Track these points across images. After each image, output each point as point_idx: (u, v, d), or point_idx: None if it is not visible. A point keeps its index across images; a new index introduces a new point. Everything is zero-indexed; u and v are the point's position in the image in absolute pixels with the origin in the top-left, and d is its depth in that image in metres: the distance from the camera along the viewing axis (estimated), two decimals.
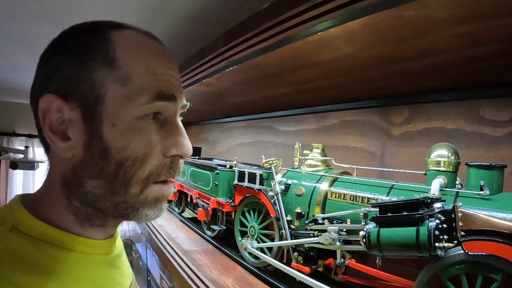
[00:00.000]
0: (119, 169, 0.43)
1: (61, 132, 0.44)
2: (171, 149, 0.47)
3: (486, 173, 0.69)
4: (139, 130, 0.44)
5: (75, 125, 0.43)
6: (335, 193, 0.90)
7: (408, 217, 0.62)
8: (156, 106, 0.45)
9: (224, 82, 1.35)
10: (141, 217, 0.47)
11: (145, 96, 0.44)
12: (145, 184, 0.46)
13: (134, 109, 0.43)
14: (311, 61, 0.97)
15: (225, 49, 0.92)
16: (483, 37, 0.69)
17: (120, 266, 0.56)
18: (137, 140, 0.44)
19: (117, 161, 0.43)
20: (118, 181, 0.44)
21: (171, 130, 0.48)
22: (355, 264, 0.83)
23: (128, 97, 0.43)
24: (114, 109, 0.43)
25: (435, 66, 0.90)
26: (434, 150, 0.78)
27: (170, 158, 0.47)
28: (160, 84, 0.45)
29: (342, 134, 1.53)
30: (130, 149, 0.43)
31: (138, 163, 0.44)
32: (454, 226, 0.61)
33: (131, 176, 0.44)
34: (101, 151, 0.43)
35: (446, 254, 0.60)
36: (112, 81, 0.43)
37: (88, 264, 0.48)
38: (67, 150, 0.44)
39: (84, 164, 0.44)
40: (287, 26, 0.71)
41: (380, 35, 0.75)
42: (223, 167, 1.37)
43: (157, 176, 0.46)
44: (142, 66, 0.45)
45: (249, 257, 1.12)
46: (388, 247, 0.65)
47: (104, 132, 0.43)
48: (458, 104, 1.12)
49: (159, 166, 0.46)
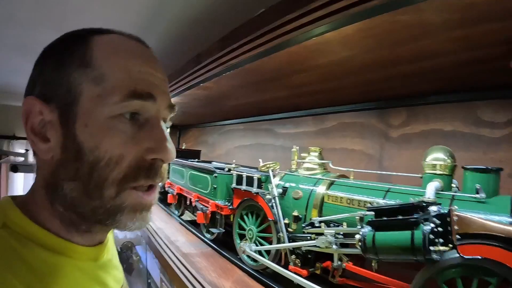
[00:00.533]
0: (92, 170, 0.42)
1: (42, 134, 0.44)
2: (150, 152, 0.45)
3: (482, 176, 0.69)
4: (112, 129, 0.43)
5: (53, 127, 0.44)
6: (332, 196, 0.90)
7: (403, 221, 0.62)
8: (131, 105, 0.44)
9: (222, 86, 1.35)
10: (119, 225, 0.45)
11: (118, 94, 0.43)
12: (121, 187, 0.44)
13: (107, 108, 0.43)
14: (307, 65, 0.97)
15: (221, 54, 0.93)
16: (478, 41, 0.70)
17: (110, 271, 0.56)
18: (109, 140, 0.43)
19: (90, 161, 0.42)
20: (92, 183, 0.43)
21: (152, 132, 0.46)
22: (352, 266, 0.83)
23: (101, 96, 0.43)
24: (88, 109, 0.43)
25: (431, 69, 0.91)
26: (430, 153, 0.78)
27: (149, 161, 0.46)
28: (134, 82, 0.44)
29: (340, 137, 1.54)
30: (102, 149, 0.42)
31: (112, 165, 0.43)
32: (449, 230, 0.61)
33: (105, 178, 0.43)
34: (76, 152, 0.43)
35: (441, 257, 0.60)
36: (87, 81, 0.43)
37: (77, 269, 0.47)
38: (46, 152, 0.44)
39: (61, 166, 0.44)
40: (282, 32, 0.71)
41: (376, 40, 0.75)
42: (221, 170, 1.37)
43: (134, 179, 0.45)
44: (117, 66, 0.44)
45: (248, 260, 1.12)
46: (384, 250, 0.65)
47: (77, 132, 0.43)
48: (455, 106, 1.12)
49: (136, 168, 0.44)
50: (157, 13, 1.19)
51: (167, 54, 1.50)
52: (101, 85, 0.43)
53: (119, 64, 0.44)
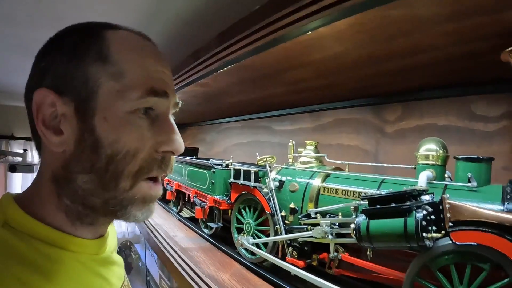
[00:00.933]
0: (110, 163, 0.43)
1: (54, 126, 0.44)
2: (162, 145, 0.47)
3: (473, 165, 0.71)
4: (131, 124, 0.44)
5: (68, 120, 0.44)
6: (328, 188, 0.92)
7: (396, 208, 0.64)
8: (148, 102, 0.46)
9: (219, 83, 1.36)
10: (129, 216, 0.47)
11: (138, 91, 0.44)
12: (136, 179, 0.46)
13: (126, 104, 0.44)
14: (303, 61, 0.99)
15: (218, 50, 0.94)
16: (469, 35, 0.71)
17: (111, 266, 0.56)
18: (128, 134, 0.44)
19: (108, 154, 0.43)
20: (108, 175, 0.44)
21: (163, 127, 0.48)
22: (348, 257, 0.84)
23: (121, 92, 0.44)
24: (107, 104, 0.44)
25: (424, 64, 0.92)
26: (422, 145, 0.80)
27: (161, 154, 0.48)
28: (152, 80, 0.46)
29: (337, 133, 1.55)
30: (121, 143, 0.43)
31: (129, 158, 0.44)
32: (442, 217, 0.63)
33: (121, 170, 0.44)
34: (93, 145, 0.43)
35: (434, 244, 0.62)
36: (105, 76, 0.44)
37: (79, 263, 0.48)
38: (59, 145, 0.44)
39: (75, 158, 0.44)
40: (277, 27, 0.73)
41: (368, 35, 0.77)
42: (219, 165, 1.39)
43: (148, 171, 0.47)
44: (135, 63, 0.45)
45: (246, 253, 1.14)
46: (378, 238, 0.67)
47: (96, 125, 0.43)
48: (449, 101, 1.14)
49: (150, 161, 0.46)
50: (155, 11, 1.20)
51: (166, 52, 1.51)
52: (121, 81, 0.44)
53: (137, 61, 0.46)
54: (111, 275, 0.54)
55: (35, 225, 0.44)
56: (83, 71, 0.43)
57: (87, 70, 0.43)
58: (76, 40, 0.46)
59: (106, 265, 0.54)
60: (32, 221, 0.44)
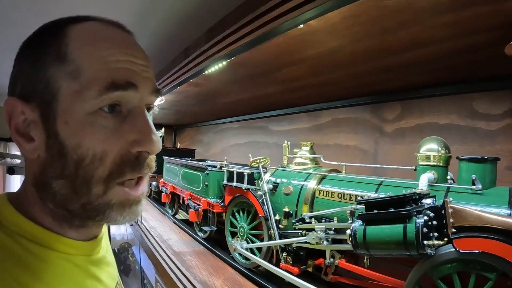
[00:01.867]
0: (78, 168, 0.41)
1: (25, 133, 0.43)
2: (135, 145, 0.43)
3: (477, 166, 0.67)
4: (93, 126, 0.41)
5: (36, 126, 0.42)
6: (323, 191, 0.87)
7: (395, 213, 0.60)
8: (111, 98, 0.41)
9: (212, 82, 1.33)
10: (110, 220, 0.44)
11: (95, 88, 0.40)
12: (108, 184, 0.43)
13: (85, 104, 0.40)
14: (296, 58, 0.95)
15: (207, 46, 0.90)
16: (469, 27, 0.67)
17: (105, 267, 0.54)
18: (91, 137, 0.41)
19: (75, 160, 0.41)
20: (79, 181, 0.42)
21: (135, 124, 0.44)
22: (345, 264, 0.80)
23: (79, 92, 0.40)
24: (67, 106, 0.41)
25: (423, 59, 0.88)
26: (423, 145, 0.75)
27: (135, 154, 0.44)
28: (112, 72, 0.41)
29: (334, 132, 1.52)
30: (84, 147, 0.41)
31: (96, 162, 0.41)
32: (444, 223, 0.59)
33: (91, 175, 0.41)
34: (59, 151, 0.41)
35: (436, 252, 0.58)
36: (64, 76, 0.41)
37: (71, 264, 0.46)
38: (32, 151, 0.43)
39: (47, 164, 0.43)
40: (267, 19, 0.69)
41: (363, 28, 0.72)
42: (213, 167, 1.35)
43: (120, 174, 0.43)
44: (93, 57, 0.41)
45: (240, 258, 1.10)
46: (375, 245, 0.62)
47: (59, 130, 0.41)
48: (450, 99, 1.10)
49: (121, 164, 0.43)
50: (148, 10, 1.17)
51: (159, 51, 1.47)
52: (78, 79, 0.41)
53: (95, 55, 0.42)
54: (105, 276, 0.53)
55: (28, 225, 0.43)
56: (44, 73, 0.41)
57: (47, 72, 0.41)
58: (37, 42, 0.44)
59: (99, 265, 0.52)
60: (25, 221, 0.43)
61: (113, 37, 0.44)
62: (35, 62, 0.42)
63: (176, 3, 1.07)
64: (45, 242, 0.44)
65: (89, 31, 0.44)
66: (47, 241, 0.44)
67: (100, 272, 0.52)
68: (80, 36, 0.42)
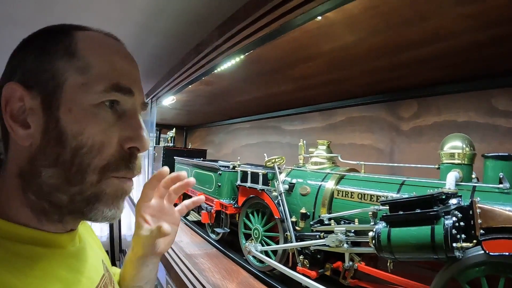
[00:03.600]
0: (75, 156, 0.44)
1: (21, 120, 0.44)
2: (128, 141, 0.48)
3: (504, 164, 0.63)
4: (96, 116, 0.45)
5: (34, 113, 0.44)
6: (342, 192, 0.84)
7: (422, 214, 0.57)
8: (115, 95, 0.46)
9: (224, 80, 1.31)
10: (97, 213, 0.47)
11: (102, 84, 0.45)
12: (103, 175, 0.46)
13: (91, 96, 0.45)
14: (312, 53, 0.92)
15: (220, 42, 0.88)
16: (491, 18, 0.64)
17: (87, 259, 0.55)
18: (93, 126, 0.45)
19: (73, 147, 0.44)
20: (74, 169, 0.44)
21: (130, 122, 0.49)
22: (364, 267, 0.77)
23: (86, 85, 0.45)
24: (72, 96, 0.44)
25: (442, 53, 0.85)
26: (447, 142, 0.72)
27: (128, 150, 0.48)
28: (118, 76, 0.47)
29: (349, 132, 1.49)
30: (85, 135, 0.44)
31: (94, 151, 0.45)
32: (472, 224, 0.56)
33: (87, 163, 0.44)
34: (57, 137, 0.44)
35: (464, 255, 0.55)
36: (71, 70, 0.45)
37: (50, 258, 0.47)
38: (26, 138, 0.44)
39: (40, 152, 0.44)
40: (282, 12, 0.66)
41: (383, 19, 0.70)
42: (226, 167, 1.33)
43: (115, 168, 0.47)
44: (101, 58, 0.47)
45: (254, 261, 1.07)
46: (400, 248, 0.59)
47: (60, 117, 0.44)
48: (468, 95, 1.06)
49: (118, 157, 0.47)
50: (158, 10, 1.15)
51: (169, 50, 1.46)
52: (86, 74, 0.45)
53: (103, 56, 0.47)
54: (88, 268, 0.54)
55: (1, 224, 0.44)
56: (51, 65, 0.45)
57: (55, 65, 0.45)
58: (46, 38, 0.47)
59: (80, 257, 0.53)
60: None
61: (116, 47, 0.51)
62: (41, 54, 0.45)
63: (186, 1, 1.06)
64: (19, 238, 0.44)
65: (95, 37, 0.50)
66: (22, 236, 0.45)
67: (82, 264, 0.53)
68: (88, 40, 0.48)
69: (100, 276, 0.57)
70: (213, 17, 1.07)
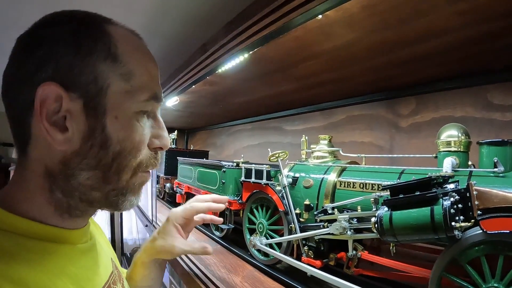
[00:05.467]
0: (115, 159, 0.46)
1: (59, 123, 0.43)
2: (154, 141, 0.52)
3: (498, 149, 0.66)
4: (138, 123, 0.48)
5: (74, 117, 0.43)
6: (344, 183, 0.87)
7: (421, 196, 0.59)
8: (151, 104, 0.50)
9: (228, 80, 1.34)
10: (127, 203, 0.51)
11: (145, 94, 0.48)
12: (135, 172, 0.50)
13: (135, 105, 0.47)
14: (314, 51, 0.96)
15: (226, 40, 0.91)
16: (484, 14, 0.68)
17: (97, 255, 0.56)
18: (136, 132, 0.48)
19: (116, 151, 0.46)
20: (112, 170, 0.47)
21: (155, 125, 0.53)
22: (368, 255, 0.80)
23: (130, 93, 0.46)
24: (117, 103, 0.45)
25: (438, 50, 0.88)
26: (443, 131, 0.76)
27: (153, 149, 0.52)
28: (156, 86, 0.51)
29: (349, 130, 1.52)
30: (129, 141, 0.47)
31: (133, 153, 0.48)
32: (470, 206, 0.58)
33: (125, 165, 0.47)
34: (102, 143, 0.45)
35: (463, 235, 0.57)
36: (115, 76, 0.45)
37: (63, 254, 0.47)
38: (63, 142, 0.43)
39: (79, 155, 0.45)
40: (286, 10, 0.70)
41: (381, 18, 0.73)
42: (230, 164, 1.36)
43: (146, 166, 0.51)
44: (141, 66, 0.49)
45: (258, 255, 1.10)
46: (402, 231, 0.62)
47: (107, 123, 0.45)
48: (465, 91, 1.10)
49: (147, 156, 0.51)
50: (162, 12, 1.18)
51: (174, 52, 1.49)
52: (129, 82, 0.46)
53: (143, 64, 0.49)
54: (97, 264, 0.55)
55: (17, 221, 0.44)
56: (92, 67, 0.44)
57: (97, 67, 0.44)
58: (78, 31, 0.44)
59: (91, 254, 0.55)
60: (10, 216, 0.43)
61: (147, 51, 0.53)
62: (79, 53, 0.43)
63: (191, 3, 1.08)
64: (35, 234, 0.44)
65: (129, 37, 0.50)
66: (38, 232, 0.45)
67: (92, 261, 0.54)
68: (125, 41, 0.48)
69: (109, 273, 0.58)
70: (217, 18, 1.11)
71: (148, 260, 0.76)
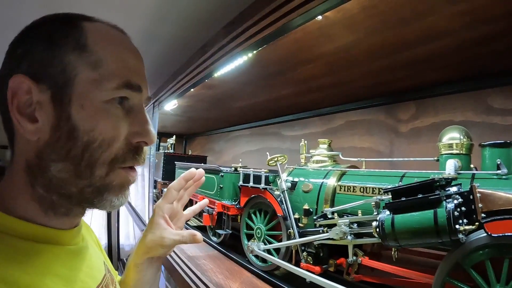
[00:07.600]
0: (85, 150, 0.44)
1: (29, 114, 0.44)
2: (136, 135, 0.49)
3: (501, 151, 0.65)
4: (107, 113, 0.46)
5: (43, 107, 0.43)
6: (344, 187, 0.86)
7: (424, 199, 0.58)
8: (125, 92, 0.47)
9: (226, 84, 1.33)
10: (106, 203, 0.48)
11: (114, 81, 0.45)
12: (111, 168, 0.47)
13: (103, 93, 0.45)
14: (313, 54, 0.95)
15: (225, 41, 0.90)
16: (485, 15, 0.67)
17: (89, 258, 0.55)
18: (104, 123, 0.45)
19: (84, 142, 0.44)
20: (84, 163, 0.45)
21: (136, 118, 0.49)
22: (368, 261, 0.78)
23: (98, 81, 0.45)
24: (83, 92, 0.44)
25: (437, 53, 0.88)
26: (445, 134, 0.75)
27: (135, 144, 0.49)
28: (129, 73, 0.48)
29: (349, 135, 1.51)
30: (97, 131, 0.44)
31: (104, 146, 0.45)
32: (473, 209, 0.57)
33: (97, 158, 0.45)
34: (69, 133, 0.44)
35: (467, 239, 0.55)
36: (82, 65, 0.44)
37: (54, 255, 0.46)
38: (34, 132, 0.43)
39: (49, 146, 0.44)
40: (285, 11, 0.69)
41: (381, 19, 0.73)
42: (227, 169, 1.34)
43: (123, 160, 0.48)
44: (112, 54, 0.47)
45: (256, 261, 1.08)
46: (405, 235, 0.60)
47: (72, 113, 0.44)
48: (465, 96, 1.09)
49: (125, 151, 0.48)
50: (161, 15, 1.17)
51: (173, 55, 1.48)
52: (98, 70, 0.45)
53: (114, 52, 0.47)
54: (90, 267, 0.54)
55: (5, 220, 0.43)
56: (61, 59, 0.44)
57: (65, 58, 0.44)
58: (54, 28, 0.46)
59: (83, 256, 0.53)
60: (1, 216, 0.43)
61: (126, 42, 0.51)
62: (50, 46, 0.44)
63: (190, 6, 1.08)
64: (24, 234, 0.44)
65: (104, 30, 0.48)
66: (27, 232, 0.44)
67: (84, 263, 0.53)
68: (98, 33, 0.47)
69: (101, 276, 0.57)
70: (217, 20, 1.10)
71: (141, 260, 0.73)
